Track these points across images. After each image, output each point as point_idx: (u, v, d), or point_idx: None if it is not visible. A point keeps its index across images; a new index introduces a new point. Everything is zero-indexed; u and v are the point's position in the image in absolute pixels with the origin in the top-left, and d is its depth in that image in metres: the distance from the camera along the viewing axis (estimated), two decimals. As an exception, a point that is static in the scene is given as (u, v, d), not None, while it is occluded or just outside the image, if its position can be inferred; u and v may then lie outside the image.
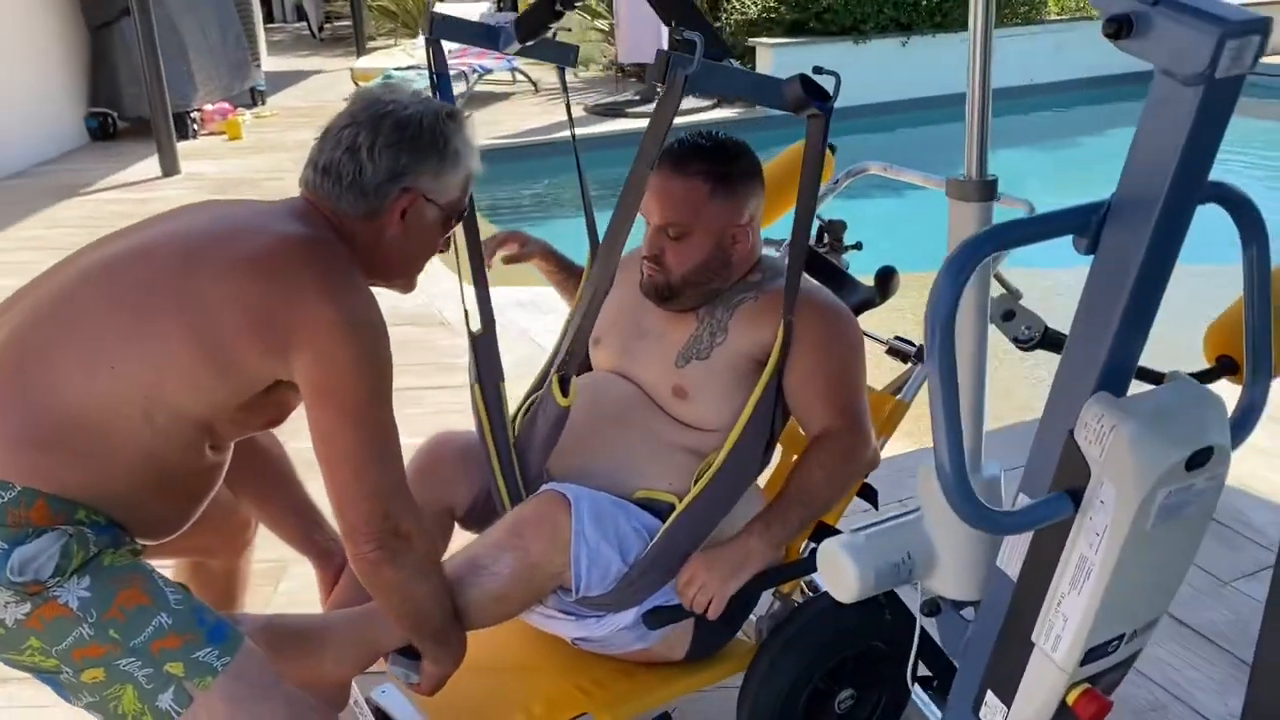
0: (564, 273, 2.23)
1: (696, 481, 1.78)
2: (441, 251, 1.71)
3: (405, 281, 1.69)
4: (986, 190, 1.31)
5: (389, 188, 1.56)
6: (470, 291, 1.96)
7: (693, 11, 1.71)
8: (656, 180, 1.81)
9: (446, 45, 1.96)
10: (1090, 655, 1.22)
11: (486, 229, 2.06)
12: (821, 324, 1.82)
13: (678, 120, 1.47)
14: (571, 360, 1.73)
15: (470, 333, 1.94)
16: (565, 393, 1.73)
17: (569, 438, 1.82)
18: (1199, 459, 1.13)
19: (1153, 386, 1.25)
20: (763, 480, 1.99)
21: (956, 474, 1.08)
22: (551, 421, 1.78)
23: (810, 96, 1.56)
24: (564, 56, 2.09)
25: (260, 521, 1.96)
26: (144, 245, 1.51)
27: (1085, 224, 1.12)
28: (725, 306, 1.89)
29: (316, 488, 1.62)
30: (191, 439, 1.47)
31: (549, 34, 1.97)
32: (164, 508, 1.52)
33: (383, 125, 1.55)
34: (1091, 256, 1.14)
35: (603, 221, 1.66)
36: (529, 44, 1.96)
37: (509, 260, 2.15)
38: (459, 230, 1.78)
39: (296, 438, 1.49)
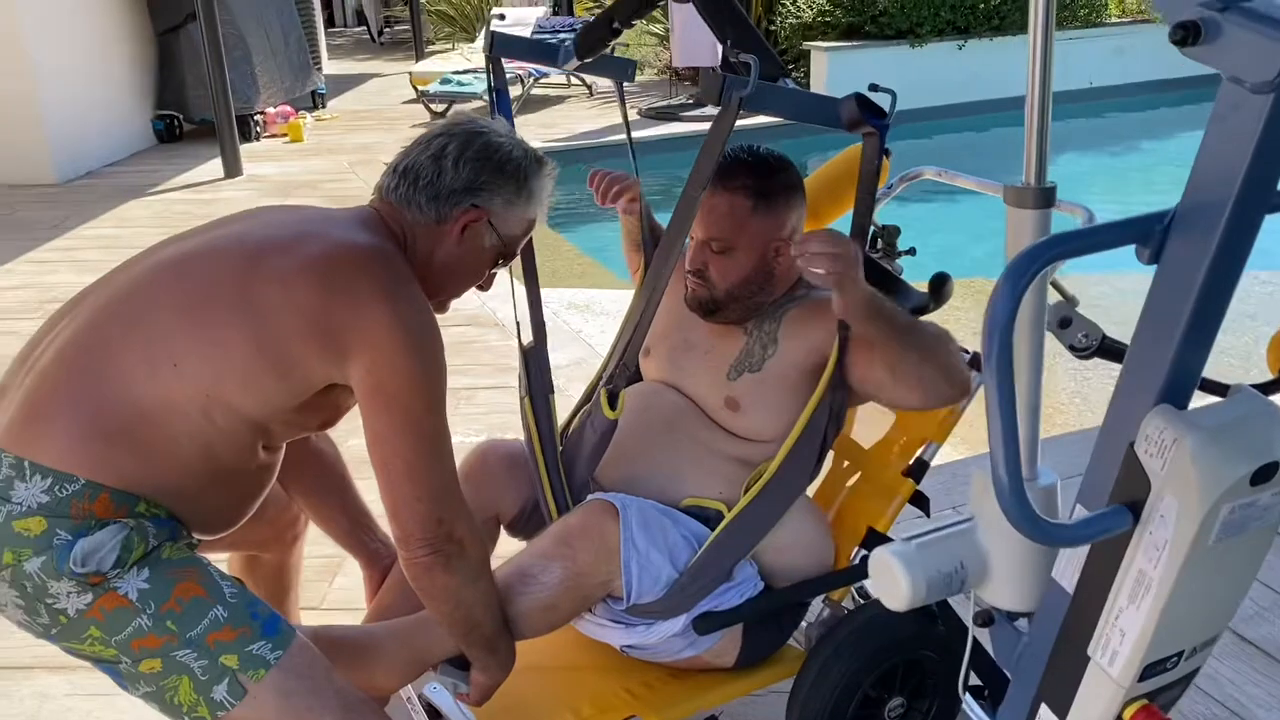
0: (641, 229, 2.15)
1: (747, 490, 1.78)
2: (482, 289, 1.73)
3: (441, 302, 1.69)
4: (1045, 197, 1.29)
5: (461, 198, 1.59)
6: (524, 305, 1.97)
7: (748, 30, 1.70)
8: None
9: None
10: (1148, 671, 1.20)
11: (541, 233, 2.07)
12: None
13: (737, 124, 1.47)
14: (621, 374, 1.74)
15: (521, 345, 1.95)
16: (614, 406, 1.75)
17: (617, 448, 1.83)
18: (1264, 474, 1.10)
19: (1214, 399, 1.22)
20: (812, 490, 1.98)
21: (1013, 486, 1.06)
22: (600, 433, 1.80)
23: (866, 115, 1.56)
24: (622, 71, 2.08)
25: (311, 520, 1.98)
26: (209, 248, 1.54)
27: (1148, 233, 1.10)
28: (772, 319, 1.89)
29: (366, 486, 1.63)
30: (246, 439, 1.50)
31: (607, 50, 1.98)
32: (219, 504, 1.55)
33: (474, 142, 1.60)
34: (1154, 266, 1.13)
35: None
36: (588, 60, 1.97)
37: (627, 208, 2.10)
38: None
39: (356, 435, 1.50)
